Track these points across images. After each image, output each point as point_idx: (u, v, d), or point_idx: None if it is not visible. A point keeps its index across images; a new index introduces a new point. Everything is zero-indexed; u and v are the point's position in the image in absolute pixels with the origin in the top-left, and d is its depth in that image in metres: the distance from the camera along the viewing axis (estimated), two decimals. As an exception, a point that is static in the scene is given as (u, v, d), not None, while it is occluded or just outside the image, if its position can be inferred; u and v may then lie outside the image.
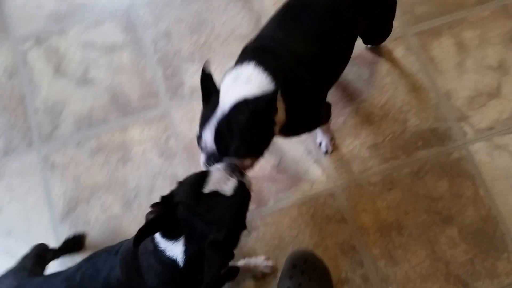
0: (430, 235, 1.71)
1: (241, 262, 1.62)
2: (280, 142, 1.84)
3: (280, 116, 1.25)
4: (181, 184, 1.11)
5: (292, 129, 1.41)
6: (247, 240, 1.71)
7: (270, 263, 1.66)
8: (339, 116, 1.89)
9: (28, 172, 1.86)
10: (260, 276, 1.66)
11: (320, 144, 1.84)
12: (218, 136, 1.17)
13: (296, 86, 1.30)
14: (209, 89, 1.22)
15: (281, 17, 1.41)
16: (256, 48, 1.33)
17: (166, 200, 1.04)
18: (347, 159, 1.83)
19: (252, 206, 1.72)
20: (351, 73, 1.94)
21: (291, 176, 1.80)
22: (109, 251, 1.21)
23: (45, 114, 1.96)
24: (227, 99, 1.17)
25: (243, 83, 1.21)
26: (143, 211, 1.76)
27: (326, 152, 1.83)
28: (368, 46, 1.96)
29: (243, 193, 1.09)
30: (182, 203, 1.00)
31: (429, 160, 1.81)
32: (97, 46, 2.06)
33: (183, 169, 1.83)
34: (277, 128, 1.26)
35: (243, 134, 1.16)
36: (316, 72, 1.35)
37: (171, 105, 1.94)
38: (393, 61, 1.96)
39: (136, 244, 0.97)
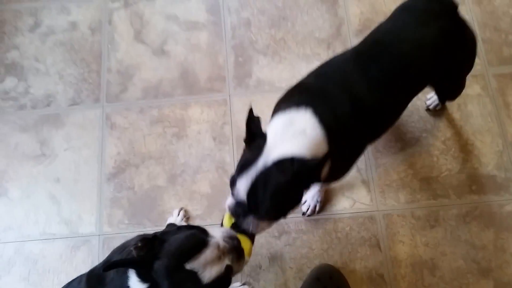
0: (463, 283, 1.65)
1: None
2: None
3: (323, 173, 1.17)
4: (178, 230, 1.09)
5: (342, 172, 1.38)
6: (275, 242, 1.73)
7: (246, 287, 1.64)
8: (397, 141, 1.84)
9: (89, 127, 1.96)
10: None
11: (304, 203, 1.74)
12: (252, 190, 1.09)
13: (348, 140, 1.25)
14: (254, 132, 1.15)
15: (349, 61, 1.32)
16: (317, 91, 1.25)
17: (155, 242, 1.04)
18: (396, 186, 1.79)
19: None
20: (422, 99, 1.89)
21: (334, 188, 1.79)
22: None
23: (117, 75, 2.04)
24: (274, 151, 1.09)
25: (295, 135, 1.12)
26: (185, 189, 1.82)
27: (304, 213, 1.73)
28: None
29: (221, 283, 1.04)
30: (162, 261, 1.01)
31: (480, 207, 1.74)
32: (179, 20, 2.12)
33: (230, 158, 1.86)
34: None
35: (277, 197, 1.09)
36: (373, 124, 1.30)
37: (234, 93, 1.97)
38: (466, 97, 1.89)
39: (106, 270, 1.00)
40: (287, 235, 1.73)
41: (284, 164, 1.07)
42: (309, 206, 1.73)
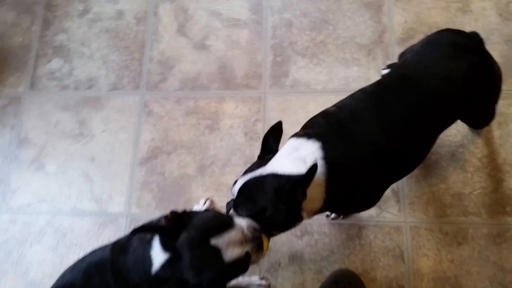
0: (487, 305, 1.60)
1: (231, 282, 1.60)
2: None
3: (315, 204, 1.22)
4: (206, 213, 1.13)
5: (332, 211, 1.36)
6: (297, 241, 1.72)
7: (264, 282, 1.64)
8: (432, 154, 1.80)
9: (127, 112, 2.01)
10: None
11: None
12: (243, 190, 1.20)
13: (356, 178, 1.24)
14: (269, 148, 1.26)
15: (372, 95, 1.30)
16: (334, 125, 1.26)
17: (183, 216, 1.08)
18: (426, 199, 1.75)
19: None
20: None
21: (362, 195, 1.77)
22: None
23: (158, 64, 2.09)
24: (273, 165, 1.19)
25: (295, 161, 1.18)
26: (212, 180, 1.84)
27: (328, 216, 1.73)
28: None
29: (238, 267, 1.08)
30: (188, 234, 1.04)
31: (513, 229, 1.68)
32: (222, 17, 2.15)
33: (260, 155, 1.87)
34: (306, 214, 1.22)
35: (259, 202, 1.16)
36: (391, 163, 1.27)
37: (270, 91, 1.98)
38: (507, 116, 1.84)
39: (134, 232, 1.04)
40: (309, 236, 1.73)
41: (275, 178, 1.16)
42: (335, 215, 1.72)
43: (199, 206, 1.76)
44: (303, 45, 2.05)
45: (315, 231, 1.73)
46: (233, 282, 1.56)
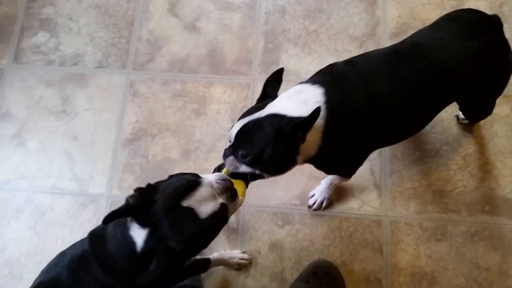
0: (461, 301, 1.63)
1: (214, 255, 1.61)
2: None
3: (310, 150, 1.23)
4: (170, 178, 1.13)
5: (318, 164, 1.37)
6: (278, 230, 1.72)
7: (246, 255, 1.67)
8: (417, 150, 1.82)
9: (112, 91, 1.98)
10: (236, 267, 1.66)
11: (312, 196, 1.74)
12: (241, 133, 1.20)
13: (351, 130, 1.26)
14: (268, 92, 1.26)
15: (382, 56, 1.32)
16: (340, 75, 1.28)
17: (149, 189, 1.07)
18: (408, 194, 1.77)
19: (296, 201, 1.74)
20: (448, 111, 1.85)
21: (345, 187, 1.78)
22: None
23: (146, 44, 2.05)
24: (273, 107, 1.19)
25: (297, 103, 1.19)
26: (196, 165, 1.82)
27: (310, 206, 1.73)
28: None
29: (216, 220, 1.08)
30: (159, 203, 1.04)
31: (490, 228, 1.71)
32: (215, -1, 2.12)
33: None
34: (300, 159, 1.24)
35: (258, 144, 1.17)
36: (383, 125, 1.29)
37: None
38: (493, 116, 1.84)
39: (106, 222, 1.02)
40: (291, 225, 1.73)
41: (275, 119, 1.16)
42: (316, 200, 1.72)
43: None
44: (295, 33, 2.03)
45: (297, 221, 1.73)
46: (215, 254, 1.62)
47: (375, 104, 1.25)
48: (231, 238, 1.72)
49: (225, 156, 1.26)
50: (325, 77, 1.27)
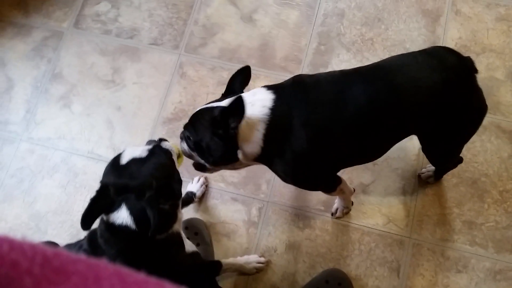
0: (472, 338, 1.58)
1: (229, 260, 1.60)
2: (380, 167, 1.78)
3: (252, 148, 1.26)
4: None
5: (273, 169, 1.37)
6: (298, 232, 1.72)
7: (262, 259, 1.66)
8: (454, 177, 1.76)
9: (162, 69, 2.02)
10: (254, 272, 1.65)
11: (336, 207, 1.73)
12: (192, 118, 1.31)
13: (292, 139, 1.25)
14: (235, 88, 1.32)
15: (344, 74, 1.32)
16: (297, 86, 1.29)
17: (101, 187, 1.12)
18: (436, 220, 1.73)
19: (321, 207, 1.73)
20: (494, 142, 1.78)
21: (372, 202, 1.75)
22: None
23: (202, 28, 2.08)
24: (226, 102, 1.25)
25: (247, 101, 1.22)
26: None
27: (333, 214, 1.73)
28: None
29: (159, 150, 1.18)
30: (108, 182, 1.11)
31: (517, 270, 1.64)
32: (275, -7, 2.12)
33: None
34: (242, 155, 1.27)
35: (199, 131, 1.26)
36: (331, 142, 1.27)
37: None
38: (541, 156, 1.77)
39: (84, 228, 1.07)
40: (311, 229, 1.73)
41: (214, 109, 1.25)
42: (337, 208, 1.71)
43: (194, 184, 1.77)
44: (350, 38, 2.01)
45: (318, 227, 1.73)
46: (230, 259, 1.61)
47: (310, 122, 1.24)
48: (250, 231, 1.74)
49: (181, 138, 1.37)
50: (283, 86, 1.31)
